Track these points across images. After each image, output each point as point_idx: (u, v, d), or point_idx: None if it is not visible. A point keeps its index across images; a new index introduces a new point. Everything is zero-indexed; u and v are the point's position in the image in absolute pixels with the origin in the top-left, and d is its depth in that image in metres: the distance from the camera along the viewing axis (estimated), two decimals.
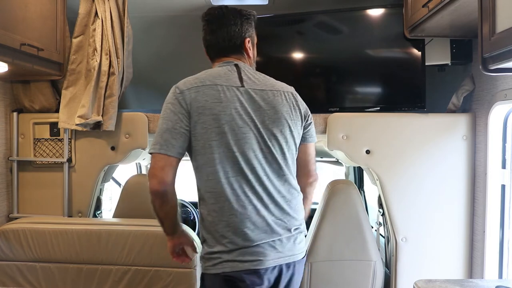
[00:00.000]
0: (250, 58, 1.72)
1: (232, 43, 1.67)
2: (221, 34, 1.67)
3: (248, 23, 1.70)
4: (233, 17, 1.67)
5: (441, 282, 1.58)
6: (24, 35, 1.96)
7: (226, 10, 1.68)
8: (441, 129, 2.22)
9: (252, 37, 1.72)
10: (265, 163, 1.56)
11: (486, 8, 1.43)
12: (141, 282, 2.17)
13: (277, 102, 1.61)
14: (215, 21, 1.67)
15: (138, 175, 3.22)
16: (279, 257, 1.55)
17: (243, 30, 1.68)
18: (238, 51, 1.69)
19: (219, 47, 1.69)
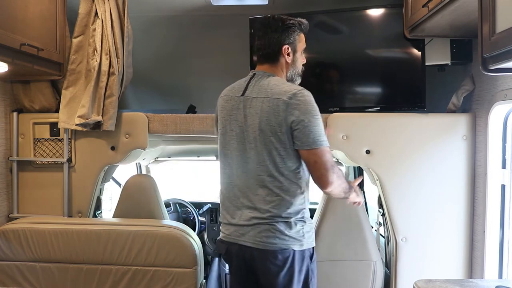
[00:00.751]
0: (288, 65, 1.82)
1: (269, 50, 1.81)
2: (262, 42, 1.82)
3: (288, 30, 1.80)
4: (275, 25, 1.81)
5: (441, 282, 1.58)
6: (24, 35, 1.96)
7: (271, 18, 1.82)
8: (441, 129, 2.22)
9: (292, 43, 1.80)
10: (242, 166, 1.76)
11: (486, 8, 1.43)
12: (141, 282, 2.17)
13: (260, 110, 1.71)
14: (261, 29, 1.84)
15: (138, 175, 3.21)
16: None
17: (282, 38, 1.79)
18: (272, 59, 1.81)
19: (257, 54, 1.86)
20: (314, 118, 1.68)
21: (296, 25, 1.81)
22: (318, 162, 1.67)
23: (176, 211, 3.55)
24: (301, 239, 1.72)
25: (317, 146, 1.67)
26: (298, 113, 1.67)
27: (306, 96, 1.69)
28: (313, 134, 1.66)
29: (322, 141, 1.68)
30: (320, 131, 1.68)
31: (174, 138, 2.59)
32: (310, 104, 1.69)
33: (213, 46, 3.11)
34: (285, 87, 1.71)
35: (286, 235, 1.70)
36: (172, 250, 2.16)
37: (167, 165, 4.04)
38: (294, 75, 1.85)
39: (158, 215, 2.44)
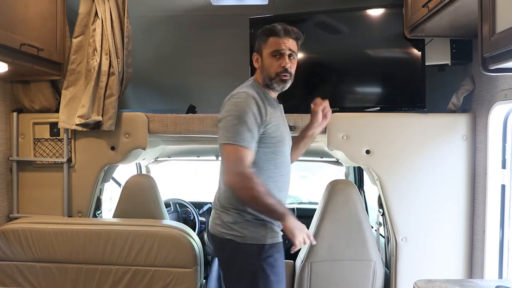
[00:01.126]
0: (258, 70, 1.90)
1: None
2: None
3: (256, 39, 1.91)
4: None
5: (441, 282, 1.58)
6: (24, 35, 1.96)
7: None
8: (441, 129, 2.22)
9: (258, 50, 1.89)
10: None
11: (486, 8, 1.43)
12: (141, 282, 2.17)
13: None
14: None
15: (138, 175, 3.21)
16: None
17: (255, 47, 1.92)
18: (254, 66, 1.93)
19: None
20: (232, 117, 1.73)
21: (264, 32, 1.87)
22: (223, 157, 1.77)
23: (176, 211, 3.55)
24: (240, 230, 1.77)
25: (224, 141, 1.74)
26: (223, 112, 1.78)
27: (237, 98, 1.77)
28: (225, 130, 1.74)
29: (229, 137, 1.72)
30: (233, 129, 1.72)
31: (174, 138, 2.59)
32: (235, 105, 1.75)
33: (213, 46, 3.11)
34: (234, 91, 1.83)
35: (224, 223, 1.81)
36: (172, 250, 2.16)
37: (167, 165, 4.04)
38: (266, 79, 1.87)
39: (158, 215, 2.44)
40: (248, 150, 1.72)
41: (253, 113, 1.74)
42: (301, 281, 2.18)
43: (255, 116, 1.74)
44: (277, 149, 1.84)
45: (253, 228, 1.78)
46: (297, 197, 5.21)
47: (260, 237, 1.78)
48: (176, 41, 3.16)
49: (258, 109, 1.76)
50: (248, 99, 1.75)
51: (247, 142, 1.72)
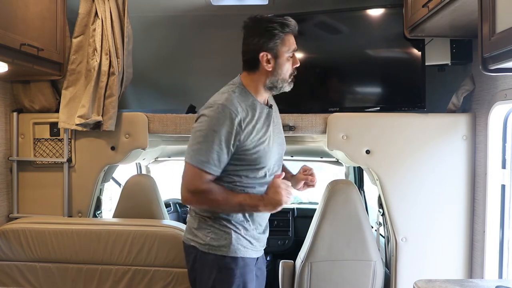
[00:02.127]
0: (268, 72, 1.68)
1: (248, 57, 1.70)
2: (243, 47, 1.72)
3: (267, 34, 1.65)
4: (255, 27, 1.68)
5: (441, 282, 1.58)
6: (24, 35, 1.96)
7: (252, 20, 1.70)
8: (441, 129, 2.22)
9: (272, 49, 1.66)
10: None
11: (486, 8, 1.43)
12: (141, 282, 2.17)
13: None
14: (243, 31, 1.73)
15: (138, 175, 3.22)
16: None
17: (260, 43, 1.65)
18: (252, 66, 1.71)
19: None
20: (200, 133, 1.60)
21: (277, 27, 1.64)
22: (184, 172, 1.65)
23: (176, 211, 3.55)
24: (202, 237, 1.69)
25: (186, 158, 1.64)
26: (195, 124, 1.66)
27: (212, 111, 1.60)
28: (189, 146, 1.64)
29: (192, 156, 1.61)
30: (197, 149, 1.60)
31: (174, 138, 2.59)
32: (208, 120, 1.60)
33: (213, 46, 3.11)
34: (212, 99, 1.67)
35: (189, 227, 1.76)
36: (172, 250, 2.16)
37: (167, 165, 4.04)
38: (277, 83, 1.70)
39: (158, 215, 2.44)
40: (207, 175, 1.60)
41: (226, 131, 1.58)
42: (301, 281, 2.18)
43: (227, 134, 1.58)
44: (259, 164, 1.69)
45: (215, 236, 1.67)
46: (297, 197, 5.20)
47: (222, 248, 1.66)
48: (176, 41, 3.16)
49: (233, 126, 1.59)
50: (224, 113, 1.58)
51: (209, 165, 1.59)
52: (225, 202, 1.63)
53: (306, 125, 2.30)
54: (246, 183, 1.69)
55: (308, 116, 2.30)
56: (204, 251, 1.68)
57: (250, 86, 1.71)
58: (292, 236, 3.49)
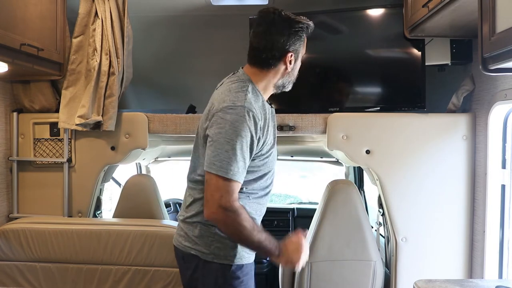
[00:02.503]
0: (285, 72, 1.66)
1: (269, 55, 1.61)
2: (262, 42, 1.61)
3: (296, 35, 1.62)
4: (282, 25, 1.61)
5: (441, 282, 1.58)
6: (24, 35, 1.96)
7: (277, 15, 1.61)
8: (441, 129, 2.22)
9: (296, 51, 1.64)
10: (190, 162, 1.72)
11: (486, 8, 1.43)
12: (141, 282, 2.17)
13: (204, 112, 1.67)
14: (262, 25, 1.63)
15: (138, 175, 3.22)
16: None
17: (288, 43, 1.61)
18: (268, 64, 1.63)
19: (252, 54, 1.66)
20: (224, 140, 1.48)
21: (304, 29, 1.62)
22: (208, 184, 1.52)
23: (176, 211, 3.55)
24: (205, 246, 1.60)
25: (211, 170, 1.49)
26: (213, 129, 1.52)
27: (233, 114, 1.50)
28: (213, 156, 1.49)
29: (219, 167, 1.47)
30: (223, 158, 1.47)
31: (174, 138, 2.59)
32: (230, 124, 1.49)
33: (213, 46, 3.11)
34: (227, 97, 1.55)
35: (188, 236, 1.65)
36: (172, 250, 2.14)
37: (167, 165, 4.05)
38: (288, 83, 1.70)
39: (158, 215, 2.44)
40: (237, 183, 1.50)
41: (250, 136, 1.51)
42: (301, 281, 2.18)
43: (252, 140, 1.52)
44: (268, 169, 1.66)
45: (220, 245, 1.59)
46: (297, 197, 5.22)
47: (227, 256, 1.59)
48: (176, 41, 3.16)
49: (256, 130, 1.52)
50: (246, 117, 1.49)
51: (238, 174, 1.49)
52: (250, 233, 1.51)
53: (306, 125, 2.30)
54: (251, 189, 1.63)
55: (308, 116, 2.30)
56: (207, 260, 1.60)
57: (260, 84, 1.64)
58: None
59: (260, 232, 1.54)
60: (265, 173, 1.66)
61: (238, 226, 1.49)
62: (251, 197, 1.64)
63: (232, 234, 1.53)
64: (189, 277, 1.66)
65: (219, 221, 1.51)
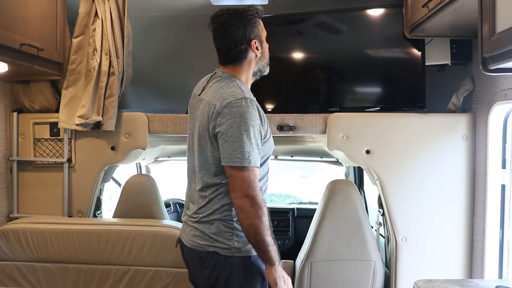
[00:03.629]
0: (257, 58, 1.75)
1: (236, 50, 1.72)
2: (225, 43, 1.74)
3: (251, 23, 1.71)
4: (235, 21, 1.71)
5: (441, 282, 1.58)
6: (24, 35, 1.96)
7: (227, 15, 1.72)
8: (441, 129, 2.22)
9: (258, 35, 1.74)
10: (191, 165, 1.76)
11: (486, 8, 1.43)
12: (141, 282, 2.17)
13: (200, 113, 1.68)
14: (218, 28, 1.76)
15: (138, 175, 3.22)
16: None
17: (247, 33, 1.71)
18: (239, 59, 1.73)
19: (220, 56, 1.80)
20: (239, 133, 1.55)
21: (255, 14, 1.71)
22: (233, 177, 1.57)
23: (176, 211, 3.55)
24: (225, 242, 1.63)
25: (234, 163, 1.55)
26: (225, 125, 1.57)
27: (241, 107, 1.57)
28: (233, 149, 1.55)
29: (241, 159, 1.54)
30: (243, 149, 1.54)
31: (174, 138, 2.59)
32: (240, 116, 1.56)
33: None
34: (226, 93, 1.62)
35: (205, 234, 1.66)
36: (172, 250, 2.15)
37: (167, 165, 4.05)
38: (263, 67, 1.78)
39: (158, 215, 2.44)
40: (257, 169, 1.59)
41: (258, 123, 1.60)
42: (301, 281, 2.18)
43: (260, 126, 1.61)
44: (269, 153, 1.73)
45: (239, 239, 1.63)
46: (297, 197, 5.22)
47: (246, 248, 1.64)
48: (176, 41, 3.16)
49: (260, 117, 1.62)
50: (251, 106, 1.58)
51: (258, 160, 1.58)
52: (265, 230, 1.56)
53: (306, 125, 2.30)
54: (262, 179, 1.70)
55: (308, 116, 2.30)
56: (227, 255, 1.63)
57: (242, 77, 1.74)
58: (292, 236, 3.50)
59: (271, 238, 1.60)
60: (267, 157, 1.74)
61: (258, 218, 1.55)
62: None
63: (249, 225, 1.57)
64: (208, 275, 1.67)
65: (243, 209, 1.56)
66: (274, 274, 1.60)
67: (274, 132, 2.31)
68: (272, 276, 1.60)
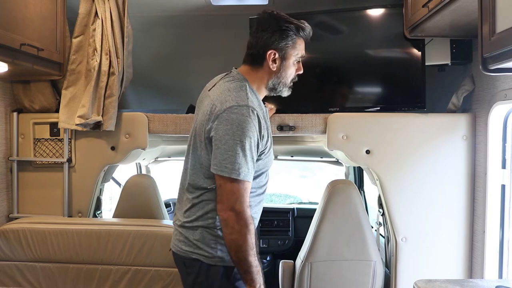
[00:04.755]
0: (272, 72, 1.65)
1: (254, 51, 1.64)
2: (251, 39, 1.66)
3: (281, 33, 1.61)
4: (268, 23, 1.62)
5: (441, 282, 1.58)
6: (24, 35, 1.96)
7: (267, 15, 1.65)
8: (441, 129, 2.22)
9: (281, 49, 1.62)
10: (186, 162, 1.72)
11: (486, 8, 1.43)
12: (141, 282, 2.17)
13: (203, 109, 1.63)
14: (254, 25, 1.67)
15: (138, 175, 3.22)
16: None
17: (271, 40, 1.61)
18: (255, 62, 1.65)
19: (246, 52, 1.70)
20: (233, 141, 1.48)
21: (293, 28, 1.61)
22: (222, 188, 1.52)
23: None
24: (207, 249, 1.59)
25: (222, 173, 1.49)
26: (220, 131, 1.51)
27: (238, 114, 1.49)
28: (224, 159, 1.49)
29: (231, 169, 1.48)
30: (234, 160, 1.47)
31: (174, 138, 2.60)
32: (237, 125, 1.49)
33: (213, 46, 3.11)
34: (228, 97, 1.54)
35: (189, 240, 1.62)
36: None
37: (167, 165, 4.05)
38: (279, 86, 1.67)
39: (158, 215, 2.44)
40: (249, 184, 1.52)
41: (256, 135, 1.52)
42: (301, 281, 2.18)
43: (258, 139, 1.53)
44: (266, 167, 1.67)
45: (223, 247, 1.57)
46: (297, 197, 5.22)
47: (229, 258, 1.56)
48: (176, 41, 3.16)
49: (261, 129, 1.54)
50: (252, 117, 1.50)
51: (249, 174, 1.51)
52: (248, 250, 1.50)
53: (306, 125, 2.30)
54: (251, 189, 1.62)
55: (308, 116, 2.31)
56: (210, 264, 1.59)
57: (254, 83, 1.66)
58: (292, 236, 3.50)
59: (256, 259, 1.53)
60: (263, 171, 1.67)
61: (242, 236, 1.49)
62: (251, 196, 1.62)
63: (232, 241, 1.51)
64: (192, 282, 1.64)
65: (228, 223, 1.50)
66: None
67: (274, 132, 2.31)
68: None
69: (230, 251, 1.53)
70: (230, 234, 1.51)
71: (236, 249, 1.50)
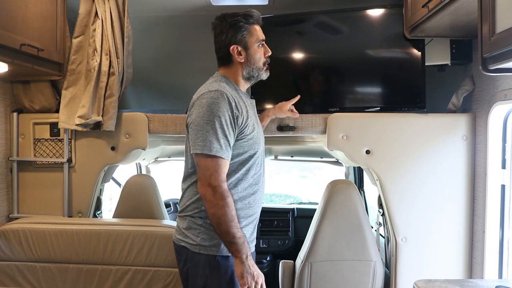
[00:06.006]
0: (242, 64, 1.77)
1: (221, 54, 1.80)
2: (215, 45, 1.82)
3: (234, 28, 1.75)
4: (220, 25, 1.78)
5: (441, 282, 1.58)
6: (24, 35, 1.96)
7: (216, 20, 1.80)
8: (441, 129, 2.22)
9: (240, 41, 1.75)
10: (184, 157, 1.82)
11: (486, 8, 1.43)
12: (141, 282, 2.18)
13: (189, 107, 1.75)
14: (213, 32, 1.83)
15: (138, 175, 3.22)
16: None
17: (228, 38, 1.75)
18: (225, 62, 1.80)
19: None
20: (204, 121, 1.60)
21: (242, 20, 1.74)
22: (198, 166, 1.64)
23: (176, 211, 3.54)
24: (193, 238, 1.68)
25: (196, 151, 1.62)
26: (193, 115, 1.66)
27: (209, 98, 1.63)
28: (196, 138, 1.62)
29: (202, 146, 1.59)
30: (206, 137, 1.59)
31: (174, 138, 2.60)
32: (207, 107, 1.61)
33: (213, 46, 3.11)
34: (203, 88, 1.71)
35: (179, 228, 1.75)
36: (172, 250, 2.14)
37: (167, 165, 4.05)
38: (253, 72, 1.78)
39: (158, 215, 2.44)
40: (223, 160, 1.61)
41: (228, 115, 1.62)
42: (301, 281, 2.18)
43: (230, 118, 1.62)
44: (252, 152, 1.74)
45: (206, 236, 1.66)
46: (297, 197, 5.22)
47: (212, 247, 1.65)
48: (176, 41, 3.16)
49: (232, 109, 1.63)
50: (221, 98, 1.62)
51: (222, 151, 1.60)
52: (229, 222, 1.57)
53: (306, 125, 2.30)
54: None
55: (308, 116, 2.31)
56: (195, 251, 1.68)
57: (232, 79, 1.79)
58: (292, 236, 3.50)
59: (238, 230, 1.59)
60: (250, 155, 1.73)
61: (220, 209, 1.57)
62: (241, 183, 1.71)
63: (212, 215, 1.60)
64: (181, 269, 1.76)
65: (206, 198, 1.60)
66: (241, 268, 1.58)
67: (274, 132, 2.31)
68: (239, 269, 1.58)
69: (213, 224, 1.61)
70: (209, 208, 1.60)
71: (217, 222, 1.58)
